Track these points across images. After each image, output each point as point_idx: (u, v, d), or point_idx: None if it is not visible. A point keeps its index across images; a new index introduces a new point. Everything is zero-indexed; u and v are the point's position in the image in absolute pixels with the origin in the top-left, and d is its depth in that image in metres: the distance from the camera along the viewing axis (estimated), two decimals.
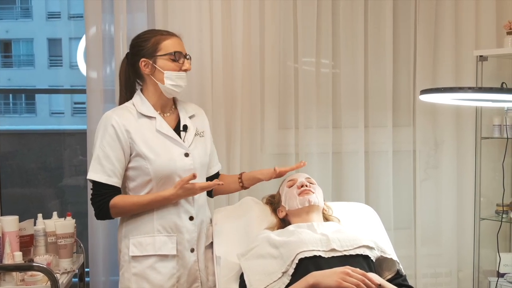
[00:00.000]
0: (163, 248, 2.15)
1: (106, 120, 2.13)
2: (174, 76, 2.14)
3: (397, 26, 3.13)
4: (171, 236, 2.16)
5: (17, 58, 7.09)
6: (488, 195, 3.13)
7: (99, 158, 2.10)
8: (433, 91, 2.24)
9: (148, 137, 2.14)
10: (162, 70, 2.14)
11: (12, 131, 4.77)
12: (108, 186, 2.11)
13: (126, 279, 2.17)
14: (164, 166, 2.12)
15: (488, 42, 3.12)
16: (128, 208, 2.13)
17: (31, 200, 3.84)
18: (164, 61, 2.14)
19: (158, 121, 2.17)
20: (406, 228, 3.18)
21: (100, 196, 2.11)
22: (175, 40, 2.18)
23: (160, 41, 2.15)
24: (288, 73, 3.01)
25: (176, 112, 2.26)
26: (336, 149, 3.09)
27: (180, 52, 2.16)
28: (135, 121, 2.15)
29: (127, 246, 2.16)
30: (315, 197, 2.24)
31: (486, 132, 3.07)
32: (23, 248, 2.25)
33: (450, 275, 3.18)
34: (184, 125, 2.22)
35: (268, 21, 2.94)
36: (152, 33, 2.20)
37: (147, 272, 2.15)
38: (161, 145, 2.15)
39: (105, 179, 2.10)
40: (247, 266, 2.06)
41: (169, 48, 2.14)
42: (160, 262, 2.15)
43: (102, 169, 2.10)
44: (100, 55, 2.80)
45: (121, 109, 2.19)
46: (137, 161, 2.13)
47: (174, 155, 2.16)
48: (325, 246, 2.01)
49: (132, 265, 2.16)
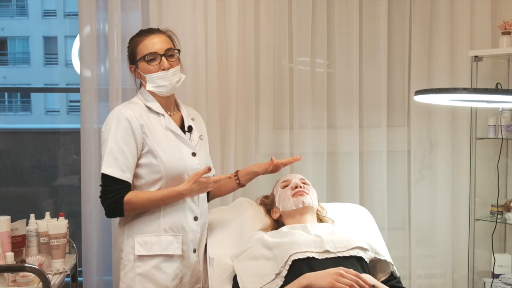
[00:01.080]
0: (169, 248, 2.13)
1: (119, 113, 2.09)
2: (154, 78, 2.11)
3: (392, 26, 3.12)
4: (177, 235, 2.14)
5: (12, 56, 7.06)
6: (483, 195, 3.13)
7: (113, 152, 2.05)
8: (428, 92, 2.22)
9: (159, 134, 2.11)
10: (143, 74, 2.12)
11: (6, 129, 4.75)
12: (121, 181, 2.05)
13: (129, 278, 2.13)
14: (175, 165, 2.10)
15: (483, 43, 3.11)
16: (142, 204, 2.08)
17: (25, 199, 3.82)
18: (143, 65, 2.12)
19: (166, 118, 2.15)
20: (401, 228, 3.18)
21: (113, 192, 2.05)
22: (150, 39, 2.12)
23: (137, 44, 2.13)
24: (283, 73, 3.00)
25: (179, 113, 2.25)
26: (331, 149, 3.08)
27: (154, 52, 2.10)
28: (146, 116, 2.12)
29: (132, 246, 2.12)
30: (309, 198, 2.23)
31: (481, 132, 3.06)
32: (15, 249, 2.24)
33: (444, 276, 3.17)
34: (189, 125, 2.21)
35: (263, 20, 2.93)
36: (135, 36, 2.17)
37: (153, 272, 2.12)
38: (171, 143, 2.13)
39: (119, 174, 2.05)
40: (240, 267, 2.05)
41: (143, 50, 2.11)
42: (165, 262, 2.13)
43: (116, 164, 2.04)
44: (94, 54, 2.79)
45: (132, 103, 2.16)
46: (147, 158, 2.09)
47: (184, 154, 2.14)
48: (318, 247, 2.00)
49: (136, 264, 2.12)
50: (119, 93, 2.77)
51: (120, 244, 2.17)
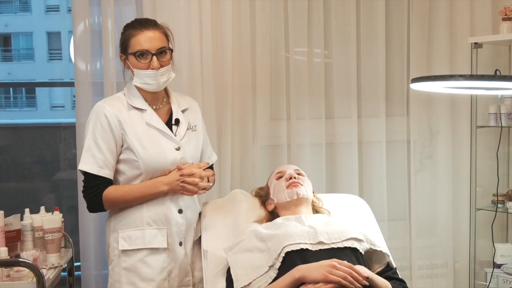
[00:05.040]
0: (153, 242, 2.13)
1: (98, 110, 2.10)
2: (142, 75, 2.09)
3: (390, 13, 3.08)
4: (161, 229, 2.13)
5: (16, 52, 7.10)
6: (484, 185, 3.09)
7: (90, 149, 2.08)
8: (424, 79, 2.20)
9: (138, 130, 2.11)
10: (132, 67, 2.11)
11: (7, 125, 4.76)
12: (99, 177, 2.08)
13: (116, 273, 2.15)
14: (154, 160, 2.10)
15: (483, 29, 3.07)
16: (121, 197, 2.10)
17: (25, 194, 3.84)
18: (133, 59, 2.10)
19: (149, 113, 2.14)
20: (401, 219, 3.15)
21: (92, 188, 2.09)
22: (145, 34, 2.08)
23: (130, 37, 2.09)
24: (279, 63, 2.97)
25: (169, 105, 2.23)
26: (329, 140, 3.05)
27: (146, 50, 2.07)
28: (126, 112, 2.12)
29: (116, 240, 2.14)
30: (304, 189, 2.21)
31: (481, 121, 3.02)
32: (9, 243, 2.23)
33: (446, 266, 3.15)
34: (176, 119, 2.19)
35: (258, 10, 2.89)
36: (128, 27, 2.14)
37: (138, 266, 2.12)
38: (151, 138, 2.12)
39: (96, 170, 2.07)
40: (233, 260, 2.03)
41: (135, 46, 2.08)
42: (150, 256, 2.13)
43: (93, 160, 2.07)
44: (88, 48, 2.77)
45: (113, 99, 2.16)
46: (127, 153, 2.10)
47: (165, 149, 2.13)
48: (312, 239, 1.98)
49: (122, 259, 2.14)
50: (114, 87, 2.75)
51: (108, 238, 2.19)
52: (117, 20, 2.76)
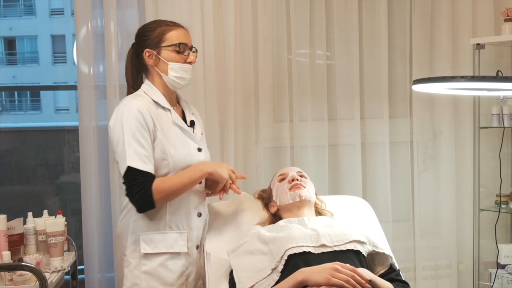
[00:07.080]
0: (175, 246, 2.11)
1: (130, 105, 2.04)
2: (179, 68, 2.10)
3: (392, 15, 3.08)
4: (182, 233, 2.12)
5: (21, 56, 7.13)
6: (488, 185, 3.09)
7: (131, 145, 1.99)
8: (426, 80, 2.21)
9: (167, 128, 2.09)
10: (166, 61, 2.10)
11: (12, 128, 4.78)
12: (145, 173, 1.99)
13: (135, 276, 2.10)
14: (183, 160, 2.08)
15: (485, 30, 3.06)
16: (171, 187, 2.02)
17: (29, 197, 3.85)
18: (168, 52, 2.10)
19: (173, 113, 2.13)
20: (405, 220, 3.14)
21: (140, 185, 1.98)
22: (181, 31, 2.13)
23: (166, 31, 2.11)
24: (282, 65, 2.98)
25: (180, 107, 2.24)
26: (332, 142, 3.05)
27: (186, 44, 2.12)
28: (154, 109, 2.09)
29: (136, 243, 2.10)
30: (306, 191, 2.21)
31: (484, 121, 3.02)
32: (12, 247, 2.24)
33: (450, 267, 3.14)
34: (191, 120, 2.20)
35: (260, 11, 2.90)
36: (158, 24, 2.15)
37: (158, 270, 2.10)
38: (178, 137, 2.11)
39: (142, 165, 1.98)
40: (236, 262, 2.03)
41: (174, 39, 2.10)
42: (171, 260, 2.12)
43: (137, 156, 1.98)
44: (91, 51, 2.78)
45: (139, 96, 2.11)
46: (157, 151, 2.05)
47: (191, 149, 2.13)
48: (314, 241, 1.97)
49: (142, 262, 2.10)
50: (117, 90, 2.76)
51: (124, 241, 2.13)
52: (120, 23, 2.78)
